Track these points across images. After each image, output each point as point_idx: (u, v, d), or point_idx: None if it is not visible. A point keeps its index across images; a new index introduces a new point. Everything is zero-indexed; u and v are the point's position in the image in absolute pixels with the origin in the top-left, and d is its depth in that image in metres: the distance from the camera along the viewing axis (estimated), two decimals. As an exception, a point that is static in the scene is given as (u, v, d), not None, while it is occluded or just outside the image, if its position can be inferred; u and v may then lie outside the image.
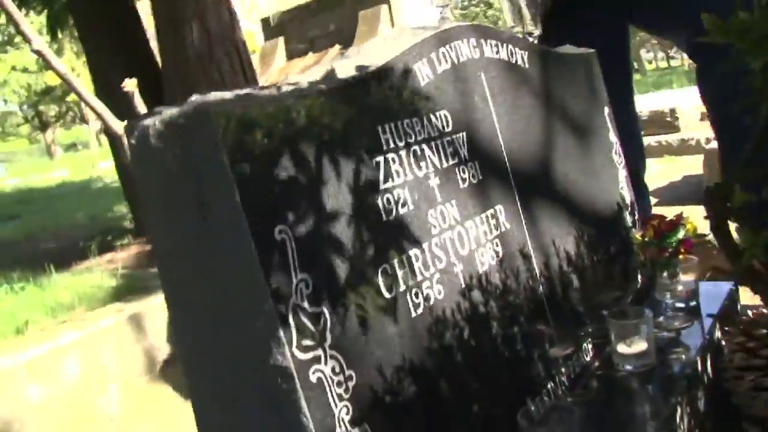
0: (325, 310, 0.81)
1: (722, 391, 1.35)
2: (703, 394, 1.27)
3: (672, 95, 6.35)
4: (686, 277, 1.41)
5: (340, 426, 0.79)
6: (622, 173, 1.60)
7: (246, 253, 0.75)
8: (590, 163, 1.48)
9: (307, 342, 0.78)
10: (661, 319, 1.40)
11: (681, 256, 1.32)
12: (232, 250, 0.76)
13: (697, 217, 1.29)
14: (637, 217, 1.60)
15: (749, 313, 1.31)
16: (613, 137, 1.59)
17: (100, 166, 11.04)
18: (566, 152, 1.39)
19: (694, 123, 4.99)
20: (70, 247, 4.18)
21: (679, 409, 1.13)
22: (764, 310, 1.30)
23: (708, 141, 3.87)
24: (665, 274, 1.38)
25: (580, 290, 1.32)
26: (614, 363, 1.22)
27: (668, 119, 5.02)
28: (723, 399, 1.35)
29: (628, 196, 1.60)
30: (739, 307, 1.57)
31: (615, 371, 1.21)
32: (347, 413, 0.80)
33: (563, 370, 1.22)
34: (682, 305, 1.42)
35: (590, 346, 1.17)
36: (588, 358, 1.25)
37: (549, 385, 1.12)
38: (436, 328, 0.95)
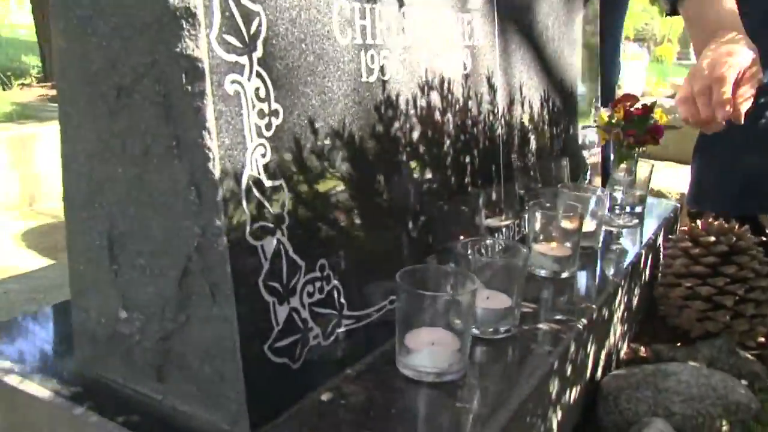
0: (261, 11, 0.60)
1: (652, 298, 1.25)
2: (637, 293, 1.16)
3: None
4: (641, 175, 1.29)
5: (251, 166, 0.59)
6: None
7: None
8: (570, 32, 1.32)
9: (232, 41, 0.57)
10: (606, 213, 1.28)
11: (647, 143, 1.18)
12: None
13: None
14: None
15: (698, 222, 1.20)
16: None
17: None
18: (551, 7, 1.22)
19: None
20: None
21: (612, 301, 1.01)
22: (715, 222, 1.19)
23: None
24: (622, 166, 1.26)
25: (535, 155, 1.17)
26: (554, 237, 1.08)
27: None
28: (652, 306, 1.26)
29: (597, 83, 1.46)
30: (678, 226, 1.48)
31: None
32: (263, 155, 0.60)
33: (503, 234, 1.07)
34: (628, 206, 1.30)
35: (538, 215, 1.02)
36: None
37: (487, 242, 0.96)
38: (384, 108, 0.76)
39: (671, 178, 2.41)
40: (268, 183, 0.61)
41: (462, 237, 0.89)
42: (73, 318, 0.72)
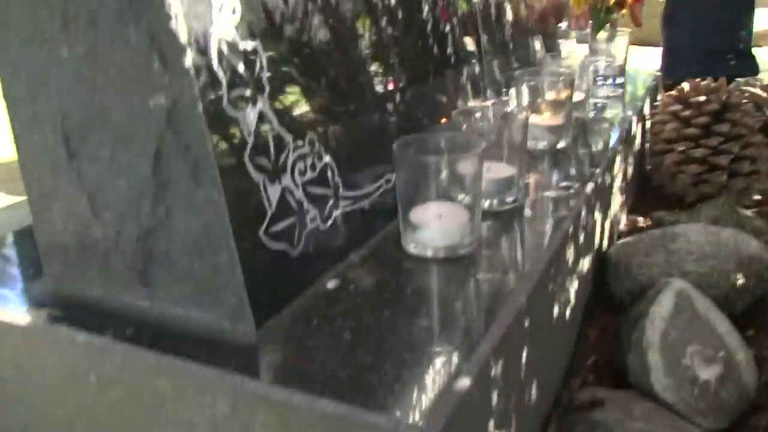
0: None
1: (644, 170, 1.21)
2: (631, 162, 1.11)
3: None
4: (620, 41, 1.23)
5: (219, 24, 0.51)
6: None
7: None
8: None
9: None
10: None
11: (627, 4, 1.11)
12: None
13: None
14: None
15: (687, 84, 1.15)
16: None
17: None
18: None
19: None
20: None
21: (612, 167, 0.95)
22: (702, 82, 1.14)
23: None
24: (602, 33, 1.19)
25: (511, 30, 1.09)
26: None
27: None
28: (644, 178, 1.22)
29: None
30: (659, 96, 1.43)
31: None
32: (233, 12, 0.52)
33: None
34: (610, 78, 1.24)
35: (525, 88, 0.95)
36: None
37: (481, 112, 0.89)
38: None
39: (645, 60, 2.36)
40: (242, 45, 0.53)
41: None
42: (36, 235, 0.64)
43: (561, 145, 0.94)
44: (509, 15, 1.08)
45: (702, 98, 1.11)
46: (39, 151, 0.59)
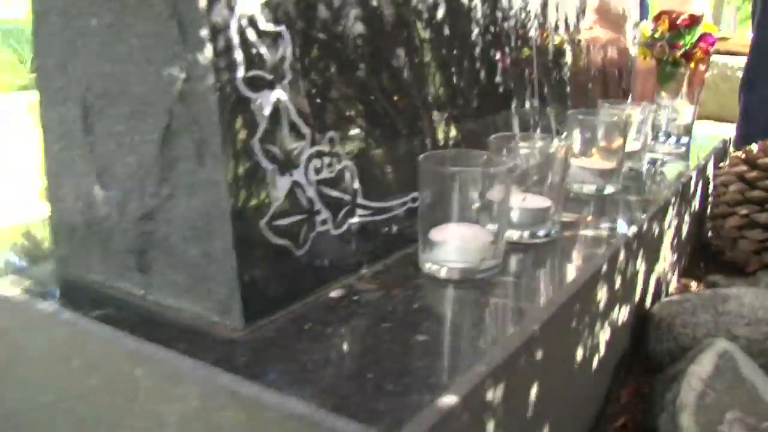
0: None
1: (703, 233, 1.14)
2: (687, 220, 1.05)
3: None
4: (689, 95, 1.17)
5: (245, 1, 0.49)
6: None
7: None
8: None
9: None
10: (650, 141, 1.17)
11: (696, 58, 1.06)
12: None
13: None
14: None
15: (756, 145, 1.08)
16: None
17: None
18: None
19: None
20: None
21: (662, 217, 0.89)
22: (773, 144, 1.07)
23: None
24: (668, 87, 1.14)
25: (570, 71, 1.06)
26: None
27: None
28: (703, 241, 1.14)
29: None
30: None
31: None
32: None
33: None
34: (674, 135, 1.19)
35: (578, 129, 0.90)
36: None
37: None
38: (405, -28, 0.66)
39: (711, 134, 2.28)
40: (265, 26, 0.51)
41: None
42: (51, 212, 0.63)
43: (609, 190, 0.89)
44: (569, 59, 1.04)
45: (770, 160, 1.04)
46: (58, 125, 0.59)
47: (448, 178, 0.59)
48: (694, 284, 1.05)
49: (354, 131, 0.61)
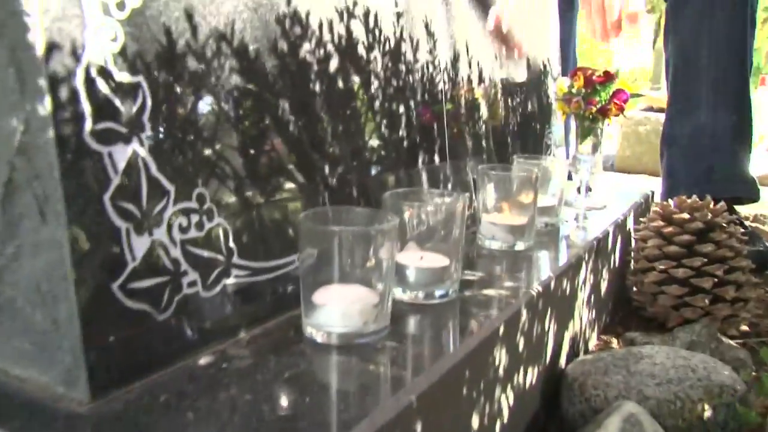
0: None
1: (625, 289, 1.13)
2: (606, 277, 1.03)
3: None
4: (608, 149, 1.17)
5: (95, 50, 0.46)
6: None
7: None
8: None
9: None
10: (571, 196, 1.17)
11: (611, 113, 1.07)
12: None
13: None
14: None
15: (672, 201, 1.09)
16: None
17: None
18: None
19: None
20: None
21: (575, 275, 0.88)
22: (688, 199, 1.08)
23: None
24: (587, 143, 1.14)
25: (485, 125, 1.05)
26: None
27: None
28: (625, 297, 1.13)
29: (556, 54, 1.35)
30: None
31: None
32: (113, 40, 0.48)
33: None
34: (594, 189, 1.19)
35: (490, 184, 0.89)
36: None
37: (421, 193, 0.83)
38: (290, 24, 0.64)
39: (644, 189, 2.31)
40: (120, 77, 0.48)
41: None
42: None
43: (520, 247, 0.87)
44: (484, 113, 1.04)
45: (686, 215, 1.04)
46: None
47: (329, 238, 0.56)
48: (614, 341, 1.03)
49: (229, 186, 0.57)
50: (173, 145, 0.52)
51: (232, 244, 0.57)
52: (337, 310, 0.56)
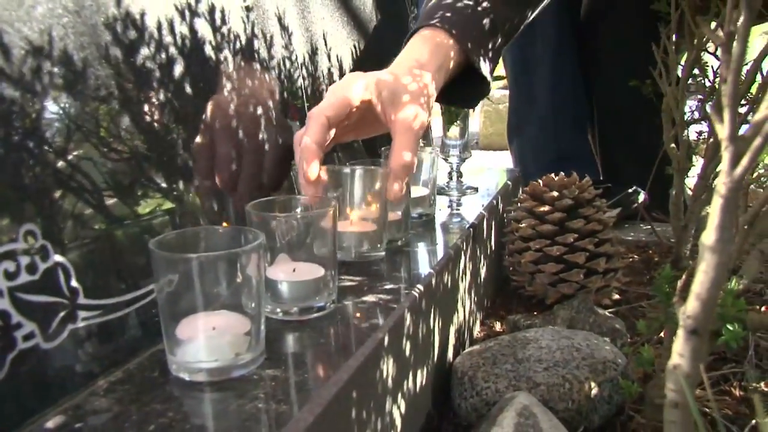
0: None
1: (503, 270, 1.13)
2: (484, 262, 1.03)
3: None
4: (474, 136, 1.17)
5: None
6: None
7: None
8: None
9: None
10: (444, 183, 1.15)
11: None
12: None
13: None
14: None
15: (539, 180, 1.10)
16: None
17: None
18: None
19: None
20: None
21: (455, 267, 0.86)
22: (554, 177, 1.09)
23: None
24: (453, 129, 1.13)
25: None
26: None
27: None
28: (504, 279, 1.13)
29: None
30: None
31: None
32: None
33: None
34: (464, 174, 1.18)
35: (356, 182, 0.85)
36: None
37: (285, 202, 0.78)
38: (122, 27, 0.57)
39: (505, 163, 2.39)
40: None
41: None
42: None
43: (375, 255, 0.82)
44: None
45: (555, 193, 1.05)
46: None
47: (185, 265, 0.50)
48: (498, 325, 1.03)
49: (66, 219, 0.50)
50: (-13, 179, 0.44)
51: (75, 283, 0.50)
52: (203, 343, 0.51)
